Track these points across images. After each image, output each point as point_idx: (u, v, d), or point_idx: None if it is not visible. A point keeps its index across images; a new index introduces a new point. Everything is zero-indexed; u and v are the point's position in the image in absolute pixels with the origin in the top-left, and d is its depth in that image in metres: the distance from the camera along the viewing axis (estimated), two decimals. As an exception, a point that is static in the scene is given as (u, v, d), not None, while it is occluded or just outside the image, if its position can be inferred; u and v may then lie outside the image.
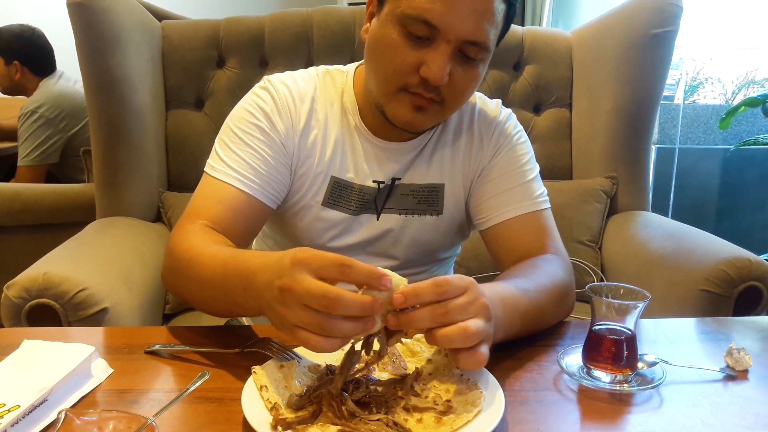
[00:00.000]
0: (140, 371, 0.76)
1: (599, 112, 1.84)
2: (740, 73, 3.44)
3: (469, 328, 0.63)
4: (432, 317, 0.63)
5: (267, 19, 1.82)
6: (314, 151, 1.00)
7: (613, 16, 1.87)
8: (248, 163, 0.94)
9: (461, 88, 0.90)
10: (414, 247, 1.06)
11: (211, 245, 0.83)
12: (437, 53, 0.85)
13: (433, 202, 1.05)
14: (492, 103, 1.08)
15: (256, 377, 0.67)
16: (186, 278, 0.84)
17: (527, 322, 0.81)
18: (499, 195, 1.01)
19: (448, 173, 1.04)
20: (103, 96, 1.58)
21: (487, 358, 0.65)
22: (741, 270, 1.28)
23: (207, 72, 1.81)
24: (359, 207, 1.02)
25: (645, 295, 0.74)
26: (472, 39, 0.85)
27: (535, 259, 0.94)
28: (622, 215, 1.82)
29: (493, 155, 1.04)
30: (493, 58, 0.93)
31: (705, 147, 3.30)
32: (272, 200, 0.97)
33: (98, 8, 1.51)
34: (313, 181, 1.01)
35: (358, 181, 1.01)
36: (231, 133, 0.97)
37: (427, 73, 0.85)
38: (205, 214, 0.91)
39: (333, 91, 1.03)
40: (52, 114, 2.58)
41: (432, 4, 0.83)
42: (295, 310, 0.59)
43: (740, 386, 0.75)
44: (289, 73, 1.03)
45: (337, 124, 1.01)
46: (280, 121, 0.98)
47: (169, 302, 1.59)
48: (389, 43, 0.87)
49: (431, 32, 0.84)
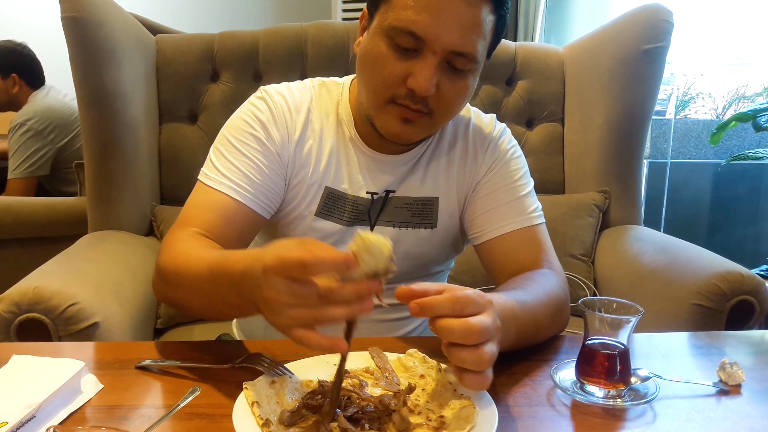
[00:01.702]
0: (130, 387, 0.75)
1: (591, 126, 1.85)
2: (730, 88, 3.48)
3: (485, 354, 0.64)
4: (461, 334, 0.63)
5: (261, 34, 1.83)
6: (309, 161, 1.00)
7: (604, 32, 1.89)
8: (242, 171, 0.94)
9: (450, 99, 0.90)
10: (408, 260, 1.06)
11: (198, 250, 0.82)
12: (424, 64, 0.85)
13: (427, 216, 1.05)
14: (487, 117, 1.09)
15: (248, 393, 0.66)
16: (174, 285, 0.84)
17: (522, 334, 0.81)
18: (494, 210, 1.02)
19: (443, 187, 1.05)
20: (96, 109, 1.57)
21: (490, 381, 0.65)
22: (733, 284, 1.29)
23: (201, 86, 1.81)
24: (352, 218, 1.02)
25: (638, 309, 0.74)
26: (458, 50, 0.85)
27: (531, 273, 0.94)
28: (614, 229, 1.83)
29: (487, 170, 1.04)
30: (485, 72, 0.93)
31: (696, 161, 3.33)
32: (266, 210, 0.97)
33: (92, 22, 1.51)
34: (307, 191, 1.01)
35: (352, 192, 1.01)
36: (226, 142, 0.97)
37: (413, 84, 0.86)
38: (196, 222, 0.91)
39: (329, 102, 1.03)
40: (40, 126, 2.58)
41: (418, 16, 0.83)
42: (284, 315, 0.60)
43: (733, 401, 0.75)
44: (286, 84, 1.04)
45: (332, 135, 1.01)
46: (276, 130, 0.98)
47: (160, 316, 1.58)
48: (377, 55, 0.88)
49: (418, 44, 0.85)
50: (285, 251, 0.59)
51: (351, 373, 0.74)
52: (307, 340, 0.59)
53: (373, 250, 0.59)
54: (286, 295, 0.59)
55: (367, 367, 0.77)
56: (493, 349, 0.65)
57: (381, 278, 0.61)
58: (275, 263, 0.59)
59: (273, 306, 0.60)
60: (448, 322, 0.63)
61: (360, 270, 0.59)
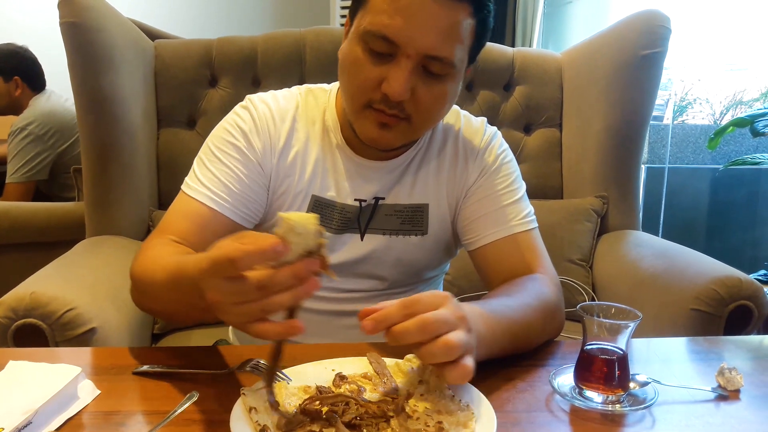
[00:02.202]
0: (128, 393, 0.75)
1: (589, 132, 1.85)
2: (728, 93, 3.49)
3: (450, 341, 0.64)
4: (417, 330, 0.63)
5: (260, 39, 1.83)
6: (294, 170, 1.00)
7: (602, 38, 1.89)
8: (221, 181, 0.95)
9: (427, 104, 0.89)
10: (399, 267, 1.05)
11: (166, 257, 0.81)
12: (397, 69, 0.84)
13: (418, 223, 1.04)
14: (477, 121, 1.08)
15: (245, 399, 0.66)
16: (144, 292, 0.85)
17: (512, 339, 0.81)
18: (486, 216, 1.01)
19: (433, 193, 1.04)
20: (94, 115, 1.57)
21: (473, 370, 0.65)
22: (731, 289, 1.29)
23: (199, 91, 1.81)
24: (341, 226, 1.02)
25: (636, 314, 0.73)
26: (433, 54, 0.84)
27: (521, 279, 0.94)
28: (612, 234, 1.83)
29: (478, 176, 1.03)
30: (483, 78, 0.93)
31: (694, 167, 3.34)
32: (245, 219, 0.97)
33: (91, 27, 1.51)
34: (294, 200, 1.00)
35: (340, 199, 1.01)
36: (209, 152, 0.98)
37: (387, 88, 0.85)
38: (172, 230, 0.92)
39: (315, 109, 1.03)
40: (41, 131, 2.58)
41: (391, 20, 0.83)
42: (232, 314, 0.60)
43: (732, 406, 0.75)
44: (272, 93, 1.04)
45: (317, 143, 1.01)
46: (257, 140, 0.98)
47: (157, 322, 1.57)
48: (353, 60, 0.88)
49: (392, 48, 0.84)
50: (215, 251, 0.59)
51: (349, 379, 0.74)
52: (263, 332, 0.59)
53: (298, 229, 0.58)
54: (227, 294, 0.59)
55: (365, 373, 0.77)
56: (460, 336, 0.65)
57: (315, 255, 0.60)
58: (208, 266, 0.59)
59: (219, 307, 0.60)
60: (402, 325, 0.64)
61: (292, 252, 0.58)
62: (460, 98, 1.85)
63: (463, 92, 1.87)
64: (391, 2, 0.83)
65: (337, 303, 1.05)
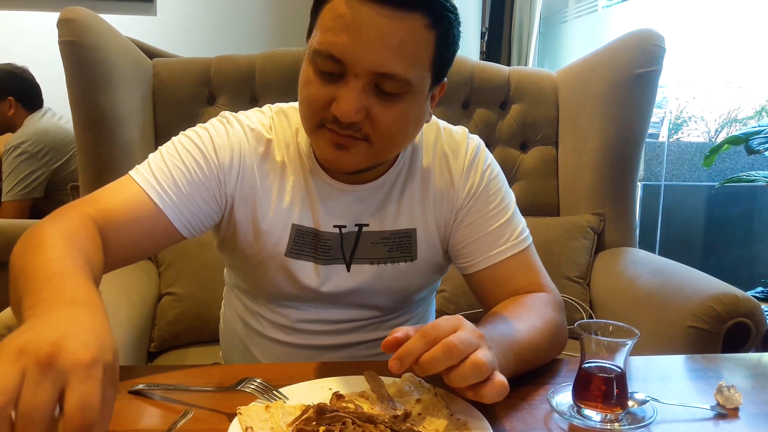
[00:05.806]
0: (123, 411, 0.74)
1: (585, 149, 1.86)
2: (722, 111, 3.52)
3: (479, 360, 0.63)
4: (444, 356, 0.63)
5: (258, 58, 1.84)
6: (270, 197, 0.95)
7: (597, 57, 1.91)
8: (173, 177, 0.89)
9: (386, 125, 0.83)
10: (390, 294, 1.02)
11: (58, 250, 0.71)
12: (347, 89, 0.80)
13: (406, 249, 0.99)
14: (458, 134, 1.02)
15: (242, 418, 0.66)
16: (13, 254, 0.77)
17: (522, 361, 0.80)
18: (479, 240, 0.97)
19: (419, 217, 0.99)
20: (92, 133, 1.58)
21: (507, 384, 0.65)
22: (729, 306, 1.29)
23: (198, 109, 1.81)
24: (326, 256, 0.97)
25: (634, 332, 0.73)
26: (383, 71, 0.79)
27: (524, 299, 0.93)
28: (609, 251, 1.83)
29: (466, 195, 0.98)
30: (479, 96, 0.92)
31: (690, 184, 3.35)
32: (185, 226, 0.90)
33: (89, 46, 1.52)
34: (272, 230, 0.95)
35: (319, 227, 0.96)
36: (171, 146, 0.93)
37: (335, 109, 0.80)
38: (102, 205, 0.84)
39: (288, 131, 0.98)
40: (35, 149, 2.60)
41: (336, 37, 0.78)
42: None
43: (731, 425, 0.74)
44: (244, 113, 0.99)
45: (293, 168, 0.96)
46: (226, 156, 0.93)
47: (154, 340, 1.56)
48: (306, 80, 0.84)
49: (340, 67, 0.80)
50: None
51: (346, 398, 0.74)
52: None
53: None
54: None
55: (363, 391, 0.76)
56: (486, 354, 0.64)
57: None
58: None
59: None
60: (428, 354, 0.63)
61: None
62: (457, 116, 1.87)
63: (459, 110, 1.88)
64: (337, 19, 0.78)
65: (331, 336, 1.03)
